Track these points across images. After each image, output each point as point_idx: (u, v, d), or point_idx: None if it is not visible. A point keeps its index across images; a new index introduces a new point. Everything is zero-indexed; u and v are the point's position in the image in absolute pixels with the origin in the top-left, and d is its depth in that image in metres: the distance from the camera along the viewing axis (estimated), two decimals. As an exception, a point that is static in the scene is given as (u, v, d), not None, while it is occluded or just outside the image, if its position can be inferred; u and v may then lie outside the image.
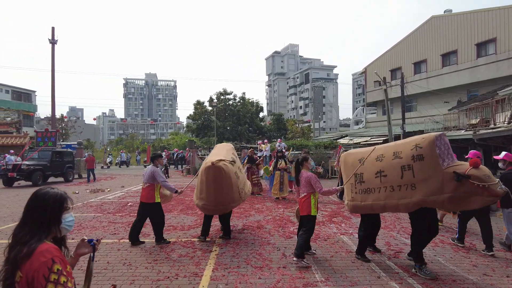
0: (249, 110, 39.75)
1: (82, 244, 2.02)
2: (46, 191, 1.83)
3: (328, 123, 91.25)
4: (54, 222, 1.78)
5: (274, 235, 6.85)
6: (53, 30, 26.46)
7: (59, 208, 1.81)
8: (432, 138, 4.62)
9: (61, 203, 1.83)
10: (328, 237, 6.68)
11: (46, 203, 1.77)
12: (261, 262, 5.23)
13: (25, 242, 1.64)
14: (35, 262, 1.59)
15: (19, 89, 48.32)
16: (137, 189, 15.18)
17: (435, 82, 26.66)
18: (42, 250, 1.63)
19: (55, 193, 1.83)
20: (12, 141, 24.00)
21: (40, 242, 1.66)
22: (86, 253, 2.03)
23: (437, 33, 26.87)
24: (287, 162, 11.99)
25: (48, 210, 1.76)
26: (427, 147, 4.59)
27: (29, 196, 1.83)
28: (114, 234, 7.08)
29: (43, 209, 1.76)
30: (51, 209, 1.77)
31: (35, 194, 1.81)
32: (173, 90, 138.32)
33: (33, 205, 1.77)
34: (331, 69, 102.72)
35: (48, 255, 1.62)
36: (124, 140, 72.99)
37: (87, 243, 2.02)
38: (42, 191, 1.83)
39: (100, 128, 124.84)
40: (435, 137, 4.61)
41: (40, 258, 1.60)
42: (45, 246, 1.66)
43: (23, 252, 1.61)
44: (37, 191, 1.84)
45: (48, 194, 1.81)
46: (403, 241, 6.52)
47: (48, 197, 1.79)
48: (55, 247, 1.71)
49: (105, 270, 4.95)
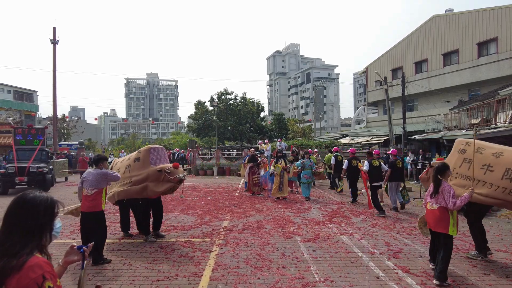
0: (250, 110, 39.74)
1: (71, 251, 1.83)
2: (35, 195, 1.66)
3: (329, 122, 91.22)
4: (46, 229, 1.64)
5: (274, 235, 6.86)
6: (54, 30, 26.51)
7: (51, 214, 1.67)
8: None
9: (53, 209, 1.68)
10: (328, 237, 6.69)
11: (38, 209, 1.62)
12: (260, 262, 5.25)
13: (14, 254, 1.50)
14: (24, 278, 1.45)
15: (21, 89, 48.42)
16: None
17: (436, 82, 26.61)
18: (32, 264, 1.49)
19: (45, 198, 1.68)
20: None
21: (31, 255, 1.53)
22: (76, 260, 1.84)
23: (438, 32, 26.82)
24: (287, 162, 12.00)
25: (41, 217, 1.61)
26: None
27: (13, 201, 1.65)
28: (114, 234, 7.10)
29: (35, 216, 1.60)
30: (43, 215, 1.63)
31: (23, 199, 1.64)
32: (175, 90, 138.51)
33: (21, 212, 1.60)
34: (332, 69, 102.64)
35: (38, 270, 1.49)
36: (126, 140, 73.12)
37: (77, 250, 1.84)
38: (30, 195, 1.66)
39: (101, 128, 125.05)
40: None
41: (30, 274, 1.46)
42: (35, 259, 1.52)
43: (11, 265, 1.46)
44: (23, 195, 1.66)
45: (39, 198, 1.65)
46: (403, 241, 6.52)
47: (39, 202, 1.64)
48: (46, 261, 1.57)
49: (105, 270, 4.97)
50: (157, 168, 6.26)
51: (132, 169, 6.51)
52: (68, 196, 13.07)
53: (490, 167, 5.32)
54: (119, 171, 6.59)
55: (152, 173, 6.22)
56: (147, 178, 6.22)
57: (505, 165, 5.17)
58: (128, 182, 6.38)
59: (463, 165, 5.66)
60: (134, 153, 7.02)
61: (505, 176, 5.09)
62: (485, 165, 5.38)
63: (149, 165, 6.38)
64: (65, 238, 6.80)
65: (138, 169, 6.42)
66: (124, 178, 6.45)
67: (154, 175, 6.22)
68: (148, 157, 6.46)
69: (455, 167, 5.69)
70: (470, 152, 5.58)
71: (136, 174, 6.38)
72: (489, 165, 5.34)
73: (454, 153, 5.98)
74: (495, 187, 5.14)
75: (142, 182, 6.25)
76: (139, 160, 6.51)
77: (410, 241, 6.55)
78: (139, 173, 6.34)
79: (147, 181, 6.21)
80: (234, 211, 9.45)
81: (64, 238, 6.79)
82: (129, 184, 6.35)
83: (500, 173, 5.16)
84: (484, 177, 5.32)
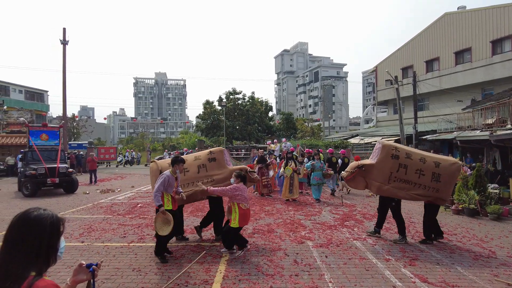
0: (258, 110, 39.59)
1: (80, 269, 1.75)
2: (40, 214, 1.56)
3: (337, 121, 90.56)
4: (53, 250, 1.56)
5: (285, 240, 6.72)
6: (64, 31, 26.70)
7: (57, 234, 1.58)
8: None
9: (58, 228, 1.59)
10: (341, 243, 6.51)
11: (43, 228, 1.53)
12: (272, 269, 5.11)
13: (19, 276, 1.43)
14: None
15: (32, 89, 49.05)
16: (147, 189, 15.21)
17: (448, 81, 26.09)
18: (41, 287, 1.43)
19: (50, 216, 1.58)
20: (25, 141, 24.31)
21: (39, 277, 1.45)
22: (84, 280, 1.76)
23: (450, 30, 26.29)
24: (296, 163, 11.83)
25: (46, 237, 1.52)
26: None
27: (16, 219, 1.56)
28: (124, 237, 7.03)
29: (40, 236, 1.51)
30: (49, 235, 1.53)
31: (26, 217, 1.54)
32: (183, 89, 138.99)
33: (25, 231, 1.51)
34: (341, 67, 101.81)
35: None
36: (135, 139, 73.63)
37: (86, 268, 1.76)
38: (35, 213, 1.56)
39: (110, 127, 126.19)
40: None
41: None
42: (43, 283, 1.45)
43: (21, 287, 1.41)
44: (27, 213, 1.56)
45: (44, 217, 1.55)
46: (418, 247, 6.33)
47: (45, 221, 1.54)
48: (54, 284, 1.49)
49: (114, 276, 4.89)
50: (238, 168, 6.79)
51: (209, 169, 6.82)
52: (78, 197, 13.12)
53: (422, 171, 6.46)
54: (186, 170, 6.66)
55: (233, 171, 6.52)
56: (228, 177, 6.58)
57: (431, 169, 6.45)
58: (210, 181, 6.68)
59: (400, 170, 6.50)
60: (202, 153, 7.23)
61: (433, 178, 6.43)
62: (418, 170, 6.48)
63: (225, 165, 6.93)
64: (74, 241, 6.73)
65: (218, 168, 6.85)
66: (201, 177, 6.70)
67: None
68: (223, 158, 6.99)
69: (392, 172, 6.52)
70: (402, 157, 6.53)
71: (217, 173, 6.80)
72: (421, 170, 6.47)
73: (387, 158, 6.57)
74: (428, 188, 6.44)
75: (224, 180, 6.66)
76: (215, 160, 6.90)
77: (426, 247, 6.36)
78: (220, 172, 6.80)
79: (228, 180, 6.54)
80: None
81: (74, 241, 6.72)
82: (211, 182, 6.65)
83: (429, 176, 6.44)
84: (419, 180, 6.46)
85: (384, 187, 6.55)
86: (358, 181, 6.89)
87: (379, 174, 6.58)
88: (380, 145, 6.77)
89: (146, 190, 15.02)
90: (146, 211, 9.85)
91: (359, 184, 6.95)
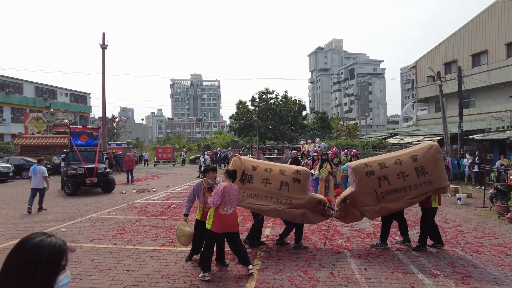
0: (291, 109, 39.06)
1: None
2: (41, 241, 1.34)
3: (375, 120, 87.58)
4: (47, 285, 1.32)
5: (320, 248, 6.32)
6: (103, 36, 27.82)
7: (55, 269, 1.34)
8: None
9: (59, 261, 1.35)
10: (382, 253, 6.01)
11: (39, 259, 1.30)
12: (306, 281, 4.75)
13: None
14: None
15: (76, 92, 52.13)
16: (181, 189, 15.34)
17: (499, 75, 24.08)
18: None
19: (52, 245, 1.34)
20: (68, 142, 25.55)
21: None
22: None
23: (501, 20, 24.25)
24: (332, 165, 11.30)
25: (40, 268, 1.29)
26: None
27: (17, 244, 1.37)
28: (155, 240, 6.97)
29: (33, 267, 1.29)
30: (43, 267, 1.30)
31: (25, 244, 1.34)
32: (217, 90, 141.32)
33: (18, 259, 1.31)
34: (377, 64, 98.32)
35: None
36: (171, 139, 75.66)
37: None
38: (36, 239, 1.34)
39: (149, 127, 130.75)
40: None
41: None
42: None
43: None
44: (27, 238, 1.37)
45: (43, 245, 1.33)
46: (470, 261, 5.66)
47: (43, 250, 1.32)
48: None
49: (143, 283, 4.77)
50: (318, 199, 6.26)
51: (291, 190, 6.18)
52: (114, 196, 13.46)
53: (404, 173, 6.02)
54: (268, 181, 6.21)
55: (311, 201, 6.16)
56: (306, 205, 6.12)
57: (411, 166, 6.02)
58: (289, 203, 6.11)
59: (383, 183, 6.03)
60: (288, 168, 6.55)
61: (418, 174, 5.98)
62: (399, 174, 6.03)
63: (307, 190, 6.27)
64: (107, 242, 6.76)
65: (299, 192, 6.18)
66: (280, 196, 6.15)
67: (312, 203, 6.17)
68: (307, 182, 6.34)
69: (376, 189, 6.04)
70: (377, 170, 6.07)
71: (297, 197, 6.14)
72: (402, 173, 6.02)
73: (363, 178, 6.09)
74: (419, 185, 5.98)
75: (301, 207, 6.12)
76: (300, 182, 6.22)
77: (479, 261, 5.67)
78: (300, 197, 6.14)
79: (305, 207, 6.12)
80: (270, 218, 9.00)
81: (107, 242, 6.75)
82: (289, 205, 6.11)
83: (414, 174, 5.99)
84: (406, 183, 6.00)
85: (377, 208, 6.06)
86: (352, 214, 6.28)
87: (366, 198, 6.11)
88: (351, 169, 6.34)
89: (181, 190, 15.15)
90: (179, 212, 9.82)
91: (355, 216, 6.31)
